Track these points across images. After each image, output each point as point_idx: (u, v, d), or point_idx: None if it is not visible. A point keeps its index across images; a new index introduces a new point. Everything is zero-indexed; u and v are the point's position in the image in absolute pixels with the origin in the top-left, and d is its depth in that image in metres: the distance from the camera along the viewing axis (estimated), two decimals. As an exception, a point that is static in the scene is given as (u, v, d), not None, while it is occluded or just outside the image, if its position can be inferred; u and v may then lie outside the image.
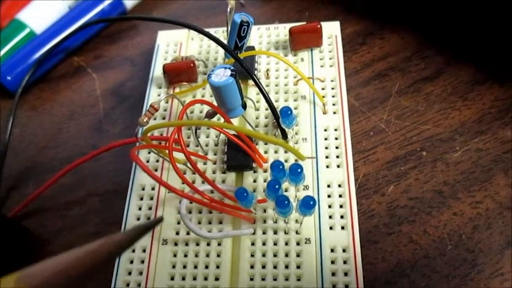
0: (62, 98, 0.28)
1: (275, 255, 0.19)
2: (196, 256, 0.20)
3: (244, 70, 0.20)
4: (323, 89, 0.24)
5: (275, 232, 0.20)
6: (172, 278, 0.19)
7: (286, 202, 0.17)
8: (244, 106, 0.20)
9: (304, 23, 0.25)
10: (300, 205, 0.17)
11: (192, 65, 0.24)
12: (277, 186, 0.17)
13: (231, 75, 0.18)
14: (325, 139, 0.22)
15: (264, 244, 0.19)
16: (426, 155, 0.22)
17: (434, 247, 0.20)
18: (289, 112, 0.20)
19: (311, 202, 0.17)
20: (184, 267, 0.19)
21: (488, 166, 0.22)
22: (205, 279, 0.19)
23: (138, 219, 0.21)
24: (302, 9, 0.29)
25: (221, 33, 0.27)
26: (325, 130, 0.22)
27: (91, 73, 0.29)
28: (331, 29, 0.25)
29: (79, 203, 0.24)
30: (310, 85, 0.23)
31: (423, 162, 0.22)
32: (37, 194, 0.23)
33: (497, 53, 0.25)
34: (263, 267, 0.19)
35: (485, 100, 0.24)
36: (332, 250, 0.19)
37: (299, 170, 0.18)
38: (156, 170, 0.22)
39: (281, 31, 0.26)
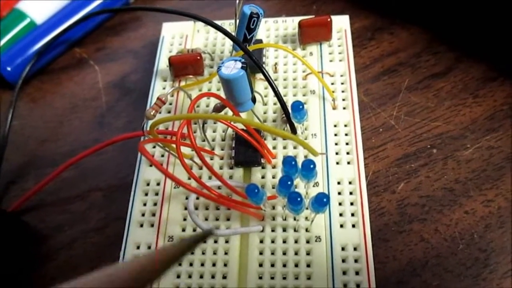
0: (64, 90, 0.28)
1: (284, 253, 0.19)
2: (203, 253, 0.19)
3: (254, 63, 0.20)
4: (332, 84, 0.23)
5: (285, 230, 0.19)
6: (179, 276, 0.19)
7: (298, 199, 0.16)
8: (254, 100, 0.20)
9: (312, 16, 0.24)
10: (313, 202, 0.17)
11: (198, 57, 0.23)
12: (289, 183, 0.17)
13: (242, 67, 0.18)
14: (335, 135, 0.21)
15: (273, 241, 0.19)
16: (437, 152, 0.22)
17: (446, 246, 0.19)
18: (300, 107, 0.19)
19: (325, 199, 0.16)
20: (191, 264, 0.19)
21: (500, 164, 0.21)
22: (213, 277, 0.19)
23: (143, 214, 0.20)
24: (309, 2, 0.29)
25: (227, 25, 0.26)
26: (335, 125, 0.22)
27: (94, 65, 0.28)
28: (341, 23, 0.25)
29: (81, 198, 0.23)
30: (320, 79, 0.22)
31: (433, 160, 0.22)
32: (37, 188, 0.23)
33: (508, 49, 0.24)
34: (272, 265, 0.18)
35: (497, 97, 0.23)
36: (343, 249, 0.19)
37: (311, 166, 0.17)
38: (161, 165, 0.22)
39: (289, 24, 0.26)
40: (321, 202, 0.16)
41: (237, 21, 0.21)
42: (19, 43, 0.28)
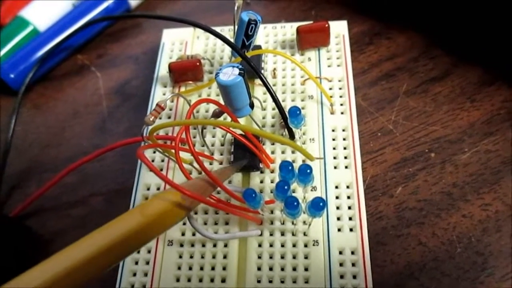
0: (66, 96, 0.28)
1: (282, 257, 0.19)
2: (202, 257, 0.19)
3: (252, 69, 0.20)
4: (330, 89, 0.23)
5: (283, 234, 0.19)
6: (178, 280, 0.19)
7: (295, 203, 0.17)
8: (252, 105, 0.20)
9: (311, 22, 0.24)
10: (310, 206, 0.17)
11: (198, 64, 0.24)
12: (286, 187, 0.17)
13: (240, 74, 0.18)
14: (333, 139, 0.22)
15: (271, 245, 0.19)
16: (435, 156, 0.22)
17: (443, 249, 0.20)
18: (297, 112, 0.19)
19: (321, 204, 0.17)
20: (190, 268, 0.19)
21: (497, 168, 0.21)
22: (211, 280, 0.19)
23: (143, 219, 0.21)
24: (308, 8, 0.29)
25: (227, 31, 0.26)
26: (333, 130, 0.22)
27: (95, 72, 0.29)
28: (339, 29, 0.25)
29: (82, 203, 0.23)
30: (318, 84, 0.22)
31: (431, 164, 0.22)
32: (39, 193, 0.23)
33: (505, 54, 0.24)
34: (270, 269, 0.19)
35: (494, 101, 0.23)
36: (340, 252, 0.19)
37: (308, 171, 0.17)
38: (161, 170, 0.22)
39: (288, 30, 0.26)
40: (317, 206, 0.17)
41: (236, 27, 0.22)
42: (22, 50, 0.28)
